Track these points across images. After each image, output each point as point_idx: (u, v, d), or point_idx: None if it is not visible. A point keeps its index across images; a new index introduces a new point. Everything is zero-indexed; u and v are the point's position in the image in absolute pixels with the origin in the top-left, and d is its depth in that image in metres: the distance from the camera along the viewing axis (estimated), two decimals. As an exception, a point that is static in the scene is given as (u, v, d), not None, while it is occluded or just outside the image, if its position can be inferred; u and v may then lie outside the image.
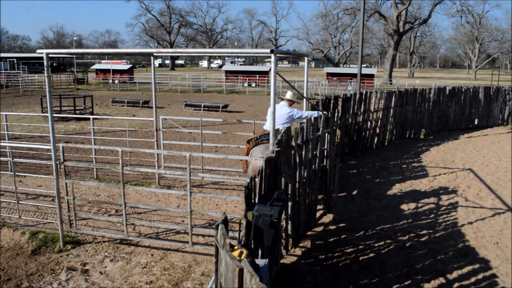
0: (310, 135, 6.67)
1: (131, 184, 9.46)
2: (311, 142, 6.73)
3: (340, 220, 7.63)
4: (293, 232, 6.26)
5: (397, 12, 54.51)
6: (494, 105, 18.66)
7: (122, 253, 6.36)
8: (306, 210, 6.79)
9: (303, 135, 6.40)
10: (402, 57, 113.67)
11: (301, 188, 6.50)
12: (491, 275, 5.77)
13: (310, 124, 6.64)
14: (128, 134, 13.65)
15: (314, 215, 7.29)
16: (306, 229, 6.93)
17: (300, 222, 6.50)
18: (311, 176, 6.92)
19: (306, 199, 6.79)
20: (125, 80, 47.37)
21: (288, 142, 5.78)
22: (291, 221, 6.16)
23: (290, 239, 6.24)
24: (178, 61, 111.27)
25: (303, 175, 6.55)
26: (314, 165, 7.03)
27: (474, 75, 77.73)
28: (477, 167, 11.47)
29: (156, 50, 7.10)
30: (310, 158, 6.77)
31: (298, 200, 6.37)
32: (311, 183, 6.95)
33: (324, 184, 7.78)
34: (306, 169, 6.66)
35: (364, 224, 7.51)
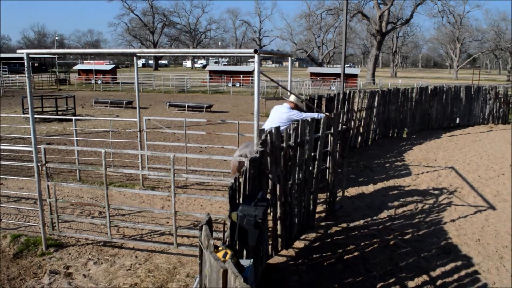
0: (307, 136, 6.55)
1: (115, 185, 9.38)
2: (308, 143, 6.59)
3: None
4: (284, 233, 6.21)
5: (379, 13, 54.99)
6: (475, 104, 18.95)
7: (106, 256, 6.29)
8: (302, 212, 6.69)
9: (296, 136, 6.27)
10: (385, 57, 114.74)
11: (296, 189, 6.39)
12: (474, 272, 5.86)
13: (306, 125, 6.50)
14: (111, 135, 13.52)
15: (312, 217, 7.13)
16: (302, 231, 6.83)
17: (293, 224, 6.43)
18: (308, 178, 6.77)
19: (302, 201, 6.67)
20: (108, 80, 46.93)
21: (277, 142, 5.73)
22: (282, 222, 6.10)
23: (280, 240, 6.20)
24: (162, 61, 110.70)
25: (298, 177, 6.42)
26: (311, 166, 6.90)
27: (456, 75, 78.87)
28: (459, 165, 11.63)
29: (139, 50, 7.02)
30: (306, 159, 6.61)
31: (291, 201, 6.29)
32: (308, 185, 6.81)
33: (327, 186, 7.66)
34: (302, 170, 6.53)
35: (349, 223, 7.56)
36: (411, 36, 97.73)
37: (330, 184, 7.67)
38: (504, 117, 19.72)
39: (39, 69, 67.16)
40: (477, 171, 11.10)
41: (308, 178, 6.76)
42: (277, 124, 7.04)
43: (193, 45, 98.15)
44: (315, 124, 6.97)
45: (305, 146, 6.54)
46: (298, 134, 6.33)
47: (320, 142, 7.04)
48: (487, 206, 8.55)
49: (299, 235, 6.77)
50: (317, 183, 7.14)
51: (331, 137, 7.50)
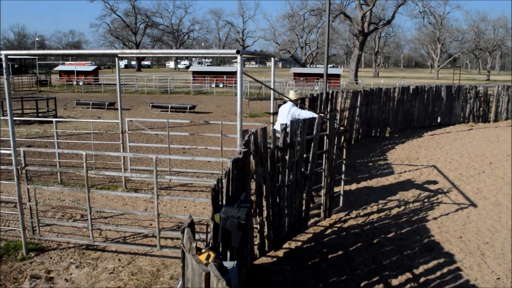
0: (298, 137, 6.48)
1: (97, 188, 9.27)
2: (299, 144, 6.52)
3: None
4: (273, 234, 6.18)
5: (361, 13, 55.42)
6: (456, 103, 19.21)
7: (88, 259, 6.21)
8: (293, 213, 6.65)
9: (285, 137, 6.19)
10: (367, 57, 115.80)
11: (286, 191, 6.35)
12: (456, 269, 5.93)
13: (296, 126, 6.41)
14: (93, 136, 13.36)
15: (305, 219, 7.08)
16: (293, 232, 6.79)
17: (282, 225, 6.39)
18: (300, 180, 6.71)
19: (293, 202, 6.62)
20: (90, 81, 46.43)
21: (263, 143, 5.69)
22: (269, 223, 6.07)
23: (267, 241, 6.17)
24: (145, 62, 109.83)
25: (288, 178, 6.36)
26: (304, 168, 6.84)
27: (437, 74, 79.90)
28: (440, 164, 11.76)
29: (120, 51, 6.93)
30: (297, 160, 6.55)
31: (279, 202, 6.24)
32: (300, 187, 6.75)
33: (325, 188, 7.61)
34: (293, 172, 6.47)
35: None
36: (393, 37, 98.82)
37: (326, 187, 7.62)
38: (484, 116, 20.03)
39: (19, 71, 66.01)
40: (458, 169, 11.25)
41: (299, 179, 6.71)
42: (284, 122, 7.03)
43: (176, 46, 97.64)
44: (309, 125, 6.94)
45: (296, 147, 6.48)
46: (287, 135, 6.28)
47: (314, 143, 6.99)
48: (469, 203, 8.66)
49: (290, 236, 6.74)
50: (310, 185, 7.09)
51: (326, 139, 7.45)
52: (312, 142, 6.97)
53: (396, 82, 41.74)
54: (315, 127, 6.99)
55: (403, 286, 5.46)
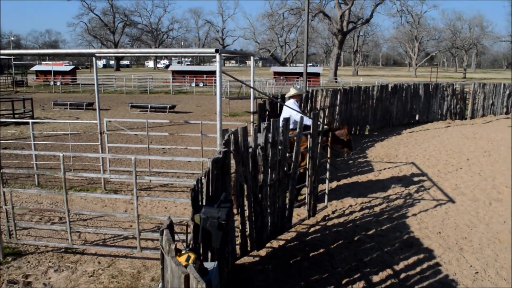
0: (281, 136, 6.46)
1: (76, 190, 9.12)
2: (282, 144, 6.50)
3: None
4: (255, 234, 6.17)
5: (340, 12, 55.83)
6: (434, 101, 19.50)
7: (67, 263, 6.11)
8: (276, 213, 6.62)
9: (266, 136, 6.16)
10: (346, 56, 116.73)
11: (268, 190, 6.32)
12: (435, 264, 6.01)
13: (277, 125, 6.37)
14: (71, 138, 13.15)
15: (289, 218, 7.06)
16: (276, 232, 6.76)
17: (265, 225, 6.36)
18: (283, 179, 6.68)
19: (276, 202, 6.59)
20: (68, 81, 45.74)
21: (244, 142, 5.66)
22: (250, 222, 6.05)
23: (249, 240, 6.15)
24: (123, 61, 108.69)
25: (270, 177, 6.33)
26: (286, 167, 6.82)
27: (415, 73, 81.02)
28: (419, 161, 11.92)
29: (97, 50, 6.84)
30: (280, 159, 6.51)
31: (261, 202, 6.21)
32: (283, 186, 6.71)
33: (309, 187, 7.60)
34: (275, 171, 6.44)
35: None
36: (371, 35, 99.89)
37: (310, 186, 7.62)
38: (461, 113, 20.39)
39: (-6, 71, 64.63)
40: (436, 166, 11.41)
41: (282, 179, 6.69)
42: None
43: (155, 45, 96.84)
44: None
45: (278, 146, 6.46)
46: (269, 134, 6.26)
47: (297, 142, 7.01)
48: (447, 199, 8.79)
49: (273, 236, 6.73)
50: (294, 184, 7.08)
51: (310, 137, 7.46)
52: (296, 141, 6.99)
53: (375, 81, 42.17)
54: (298, 125, 7.01)
55: (383, 283, 5.50)
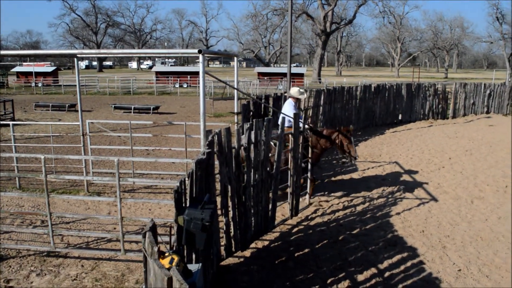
0: (263, 136, 6.45)
1: (58, 192, 9.00)
2: (264, 144, 6.50)
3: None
4: (239, 234, 6.15)
5: (323, 13, 56.12)
6: (416, 101, 19.71)
7: (50, 266, 6.01)
8: (259, 213, 6.62)
9: (249, 136, 6.14)
10: (330, 56, 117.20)
11: (252, 191, 6.31)
12: (419, 262, 6.07)
13: (260, 126, 6.37)
14: (53, 140, 12.98)
15: (272, 218, 7.06)
16: (260, 232, 6.76)
17: (248, 225, 6.36)
18: (266, 179, 6.68)
19: (259, 202, 6.58)
20: (49, 83, 45.09)
21: (227, 143, 5.64)
22: (234, 223, 6.03)
23: (233, 241, 6.13)
24: (106, 62, 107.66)
25: (254, 178, 6.32)
26: (269, 167, 6.81)
27: (397, 73, 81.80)
28: (402, 160, 12.03)
29: (79, 51, 6.75)
30: (262, 160, 6.52)
31: (245, 202, 6.19)
32: (266, 186, 6.71)
33: (291, 187, 7.62)
34: (258, 171, 6.43)
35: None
36: (354, 36, 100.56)
37: (292, 185, 7.63)
38: (443, 113, 20.64)
39: (-27, 73, 63.41)
40: (419, 165, 11.53)
41: (265, 179, 6.69)
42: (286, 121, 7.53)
43: (139, 46, 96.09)
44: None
45: (261, 146, 6.46)
46: (251, 134, 6.24)
47: (279, 142, 7.01)
48: (430, 198, 8.89)
49: (257, 236, 6.72)
50: (277, 185, 7.08)
51: (291, 137, 7.47)
52: (278, 141, 6.98)
53: (358, 81, 42.46)
54: (279, 126, 7.02)
55: (368, 282, 5.54)
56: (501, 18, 73.89)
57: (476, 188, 9.53)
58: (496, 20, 74.41)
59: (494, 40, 79.99)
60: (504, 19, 73.93)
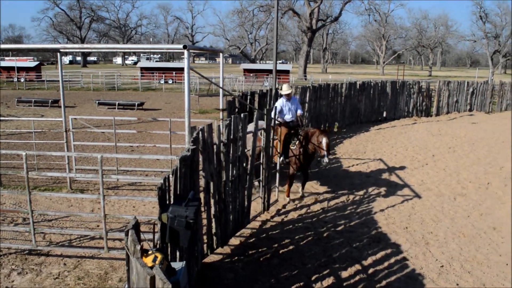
0: (240, 132, 6.50)
1: (40, 189, 8.87)
2: (241, 139, 6.55)
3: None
4: (220, 231, 6.15)
5: (309, 10, 56.21)
6: (400, 98, 19.86)
7: (31, 265, 5.93)
8: (237, 208, 6.65)
9: (228, 132, 6.21)
10: (315, 54, 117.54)
11: (230, 186, 6.34)
12: (402, 258, 6.12)
13: (238, 121, 6.44)
14: (36, 136, 12.78)
15: (247, 214, 7.13)
16: (237, 228, 6.80)
17: (228, 221, 6.38)
18: (242, 175, 6.74)
19: (237, 197, 6.63)
20: (32, 78, 44.40)
21: (209, 139, 5.64)
22: (217, 220, 6.03)
23: (215, 238, 6.13)
24: (90, 57, 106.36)
25: (231, 174, 6.37)
26: (245, 163, 6.88)
27: (382, 70, 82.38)
28: (386, 157, 12.12)
29: (62, 45, 6.65)
30: (239, 156, 6.59)
31: (225, 198, 6.22)
32: (242, 182, 6.78)
33: (263, 181, 7.69)
34: (236, 167, 6.48)
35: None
36: (340, 33, 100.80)
37: (264, 180, 7.68)
38: (427, 110, 20.85)
39: (-47, 67, 62.14)
40: (403, 162, 11.63)
41: (242, 174, 6.73)
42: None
43: (124, 41, 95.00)
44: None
45: (238, 142, 6.49)
46: (230, 130, 6.27)
47: (254, 138, 7.05)
48: (413, 195, 8.97)
49: (234, 232, 6.74)
50: (251, 180, 7.14)
51: (263, 133, 7.53)
52: (252, 137, 7.07)
53: (344, 78, 42.67)
54: (253, 122, 7.08)
55: (352, 278, 5.57)
56: (484, 17, 74.87)
57: (459, 185, 9.65)
58: (479, 19, 75.38)
59: (477, 39, 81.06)
60: (488, 18, 74.90)
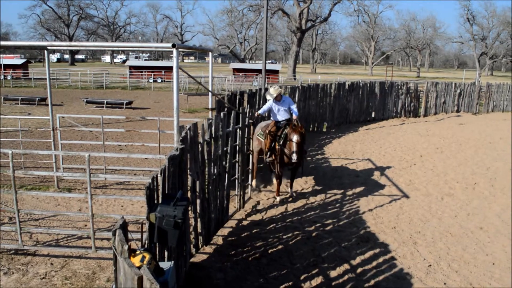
0: (220, 131, 6.59)
1: (27, 188, 8.77)
2: (221, 138, 6.66)
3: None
4: (204, 230, 6.17)
5: (299, 10, 56.34)
6: (389, 99, 19.99)
7: (18, 265, 5.85)
8: (217, 207, 6.72)
9: (211, 131, 6.29)
10: (305, 54, 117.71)
11: (211, 185, 6.41)
12: (391, 258, 6.15)
13: (219, 120, 6.54)
14: (22, 134, 12.63)
15: (226, 212, 7.24)
16: (218, 226, 6.87)
17: (211, 220, 6.42)
18: (222, 173, 6.85)
19: (217, 196, 6.71)
20: (19, 75, 43.87)
21: (195, 138, 5.66)
22: (201, 219, 6.05)
23: (201, 237, 6.14)
24: (79, 56, 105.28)
25: (213, 172, 6.46)
26: (224, 161, 6.97)
27: (371, 71, 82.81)
28: (375, 157, 12.18)
29: (49, 43, 6.58)
30: (220, 154, 6.69)
31: (208, 197, 6.26)
32: (222, 180, 6.89)
33: (239, 178, 7.79)
34: (216, 165, 6.57)
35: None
36: (329, 34, 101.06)
37: (240, 177, 7.83)
38: (415, 111, 21.01)
39: None
40: (391, 162, 11.70)
41: (222, 173, 6.84)
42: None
43: (112, 40, 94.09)
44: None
45: (219, 141, 6.60)
46: (212, 129, 6.36)
47: (231, 137, 7.21)
48: (401, 195, 9.02)
49: (216, 231, 6.81)
50: (229, 178, 7.26)
51: (239, 131, 7.68)
52: (230, 136, 7.18)
53: (333, 78, 42.81)
54: (231, 120, 7.14)
55: (341, 277, 5.58)
56: (471, 19, 75.59)
57: (446, 185, 9.73)
58: (467, 21, 76.08)
59: (464, 41, 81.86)
60: (475, 20, 75.66)
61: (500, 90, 24.28)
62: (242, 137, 7.78)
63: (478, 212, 8.08)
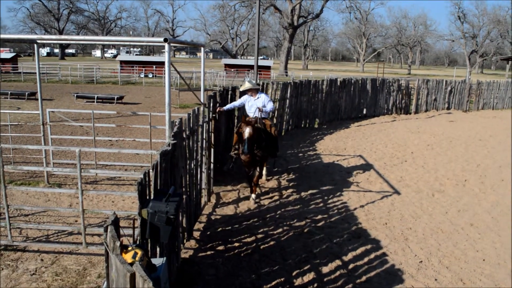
0: (195, 125, 6.66)
1: (16, 184, 8.67)
2: (196, 133, 6.77)
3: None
4: (188, 224, 6.20)
5: (291, 6, 56.23)
6: (380, 96, 20.06)
7: (7, 261, 5.79)
8: (193, 201, 6.78)
9: (189, 125, 6.30)
10: (296, 50, 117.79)
11: (190, 179, 6.43)
12: (382, 254, 6.17)
13: (195, 114, 6.59)
14: (12, 129, 12.49)
15: (199, 206, 7.35)
16: (195, 220, 6.94)
17: (191, 214, 6.48)
18: (196, 167, 6.95)
19: (194, 190, 6.77)
20: (8, 70, 43.37)
21: (181, 133, 5.65)
22: (186, 213, 6.07)
23: (185, 233, 6.17)
24: (69, 50, 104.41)
25: (191, 166, 6.50)
26: (198, 155, 7.09)
27: (362, 68, 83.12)
28: (366, 154, 12.22)
29: (39, 36, 6.49)
30: (196, 149, 6.81)
31: (189, 191, 6.31)
32: (196, 174, 6.97)
33: (205, 171, 7.92)
34: (193, 160, 6.65)
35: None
36: (321, 30, 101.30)
37: (206, 170, 7.94)
38: (406, 108, 21.11)
39: None
40: (383, 158, 11.74)
41: (196, 167, 6.91)
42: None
43: (103, 34, 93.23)
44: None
45: (195, 135, 6.67)
46: (190, 124, 6.38)
47: (201, 131, 7.26)
48: (393, 191, 9.06)
49: (193, 225, 6.84)
50: (201, 171, 7.38)
51: (205, 125, 7.75)
52: (199, 130, 7.22)
53: (324, 75, 42.88)
54: (200, 116, 7.18)
55: (333, 273, 5.59)
56: (462, 18, 76.12)
57: (437, 181, 9.79)
58: (457, 19, 76.65)
59: (455, 39, 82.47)
60: (466, 18, 76.15)
61: (490, 88, 24.49)
62: (208, 129, 7.88)
63: (469, 209, 8.14)
